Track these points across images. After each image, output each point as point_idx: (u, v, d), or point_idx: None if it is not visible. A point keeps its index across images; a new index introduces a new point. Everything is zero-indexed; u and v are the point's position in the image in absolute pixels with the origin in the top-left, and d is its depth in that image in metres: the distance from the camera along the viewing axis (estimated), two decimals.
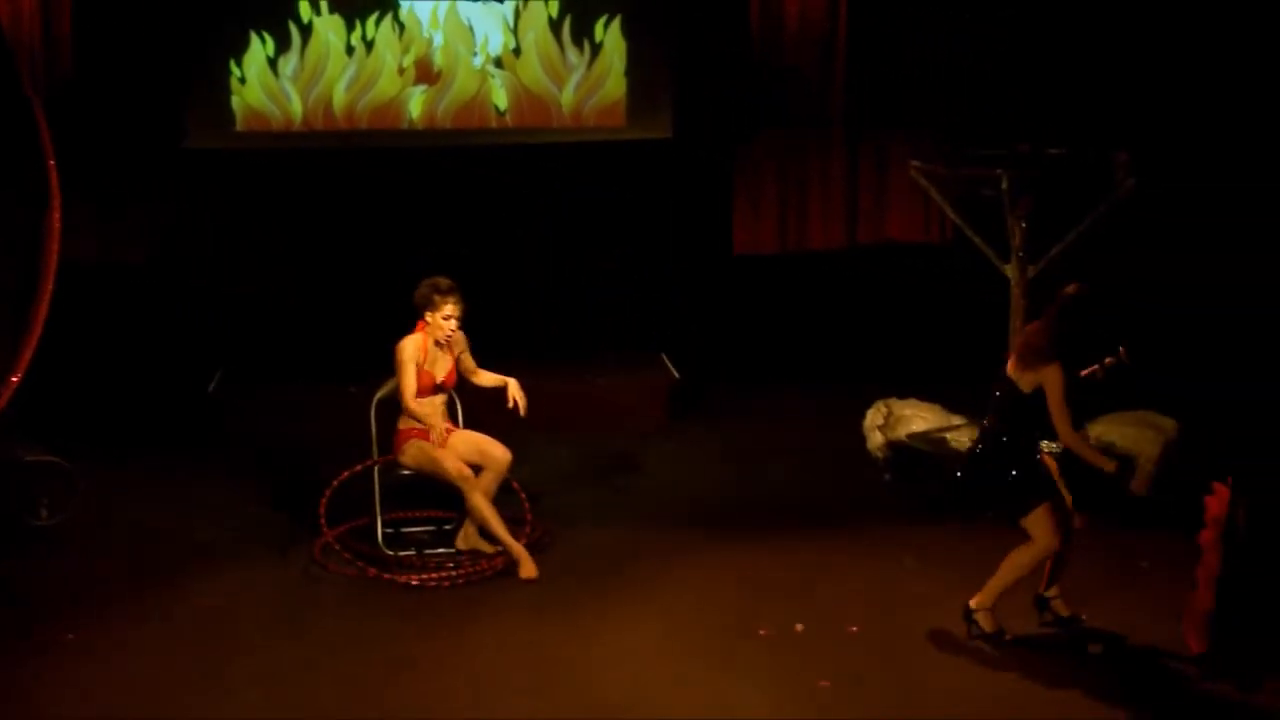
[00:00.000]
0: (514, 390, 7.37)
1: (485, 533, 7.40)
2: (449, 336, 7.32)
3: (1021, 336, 6.47)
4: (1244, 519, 6.11)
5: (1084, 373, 6.60)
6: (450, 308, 7.29)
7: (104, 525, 7.93)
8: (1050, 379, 6.20)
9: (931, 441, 8.52)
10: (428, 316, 7.32)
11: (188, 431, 9.53)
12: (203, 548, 7.66)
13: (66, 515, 7.87)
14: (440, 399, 7.44)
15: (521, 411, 7.34)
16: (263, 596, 7.04)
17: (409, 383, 7.26)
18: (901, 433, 8.61)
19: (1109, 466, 6.29)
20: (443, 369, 7.39)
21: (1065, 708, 5.89)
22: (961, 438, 8.53)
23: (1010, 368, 6.34)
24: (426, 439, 7.29)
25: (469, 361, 7.51)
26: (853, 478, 8.60)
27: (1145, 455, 8.09)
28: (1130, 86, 9.79)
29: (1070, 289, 6.34)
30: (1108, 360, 6.63)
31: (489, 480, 7.35)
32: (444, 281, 7.32)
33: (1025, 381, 6.25)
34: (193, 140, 10.06)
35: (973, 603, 6.43)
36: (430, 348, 7.35)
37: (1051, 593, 6.55)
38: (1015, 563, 6.36)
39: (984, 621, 6.41)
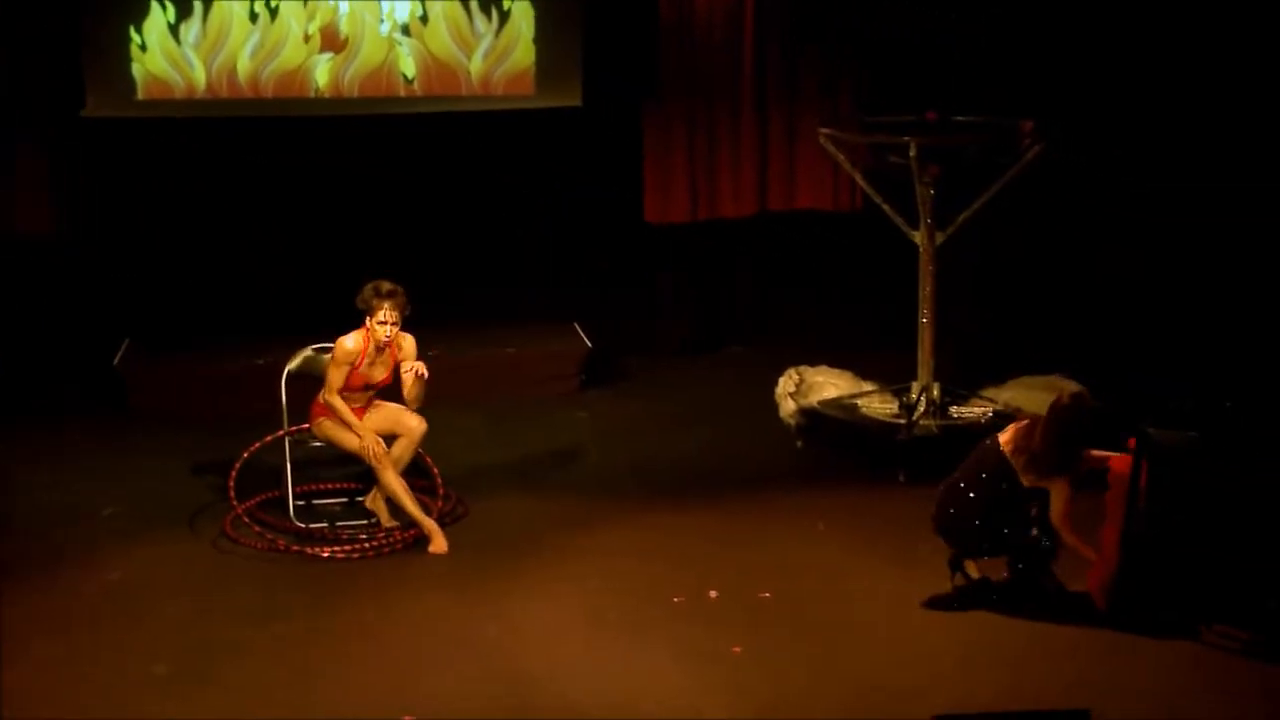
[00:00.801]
0: (417, 367, 7.18)
1: (394, 507, 7.35)
2: (387, 340, 7.15)
3: (1024, 438, 6.32)
4: (1145, 480, 6.22)
5: (1096, 454, 6.41)
6: (384, 313, 7.07)
7: (8, 500, 7.78)
8: (1057, 490, 6.25)
9: (843, 408, 8.59)
10: (367, 319, 7.16)
11: (93, 404, 9.38)
12: (110, 522, 7.55)
13: None
14: (369, 394, 7.32)
15: (416, 372, 7.12)
16: (172, 571, 6.97)
17: (334, 380, 7.13)
18: (813, 400, 8.67)
19: (1093, 557, 6.33)
20: (380, 372, 7.24)
21: (974, 670, 5.97)
22: (873, 403, 8.61)
23: (1005, 448, 6.33)
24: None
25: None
26: (765, 445, 8.64)
27: None
28: (1049, 61, 9.86)
29: (1064, 399, 6.30)
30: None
31: (403, 448, 7.28)
32: (385, 285, 7.11)
33: (1027, 478, 6.29)
34: (92, 109, 9.84)
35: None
36: (371, 350, 7.18)
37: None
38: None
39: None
